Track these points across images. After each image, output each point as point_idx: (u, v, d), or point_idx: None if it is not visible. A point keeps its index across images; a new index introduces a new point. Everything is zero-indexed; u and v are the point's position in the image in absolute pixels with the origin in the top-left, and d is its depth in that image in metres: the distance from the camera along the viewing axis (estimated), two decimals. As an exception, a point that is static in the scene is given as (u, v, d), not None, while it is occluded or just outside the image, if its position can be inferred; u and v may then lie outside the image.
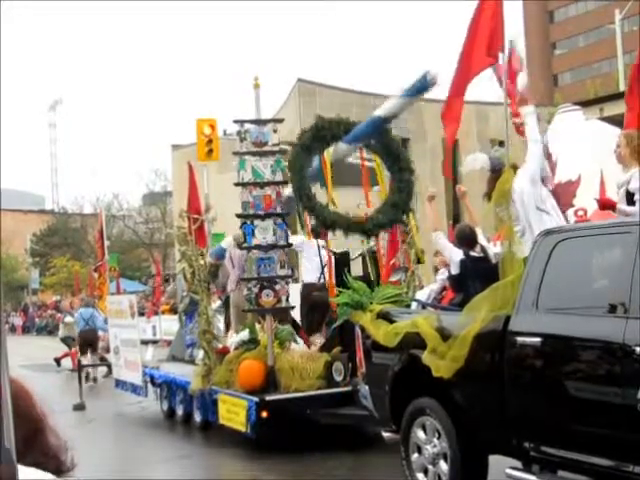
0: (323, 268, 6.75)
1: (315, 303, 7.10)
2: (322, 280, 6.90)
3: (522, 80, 5.89)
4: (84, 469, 1.09)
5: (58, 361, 13.73)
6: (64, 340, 13.22)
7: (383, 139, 6.87)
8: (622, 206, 5.34)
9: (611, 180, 5.68)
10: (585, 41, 53.52)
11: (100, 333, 11.37)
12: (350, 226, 6.47)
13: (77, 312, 12.23)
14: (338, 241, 6.96)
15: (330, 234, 6.64)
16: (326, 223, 6.30)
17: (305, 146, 6.48)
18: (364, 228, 6.55)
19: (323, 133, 6.49)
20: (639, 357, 3.61)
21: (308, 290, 7.22)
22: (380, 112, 6.70)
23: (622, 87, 12.90)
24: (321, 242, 6.76)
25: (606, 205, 5.42)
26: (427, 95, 6.77)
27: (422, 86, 6.40)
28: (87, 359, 10.77)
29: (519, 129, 5.63)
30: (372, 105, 11.19)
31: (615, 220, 4.94)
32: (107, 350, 10.14)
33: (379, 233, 6.83)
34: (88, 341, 11.25)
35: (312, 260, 7.05)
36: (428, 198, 6.66)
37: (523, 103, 5.54)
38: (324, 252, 6.78)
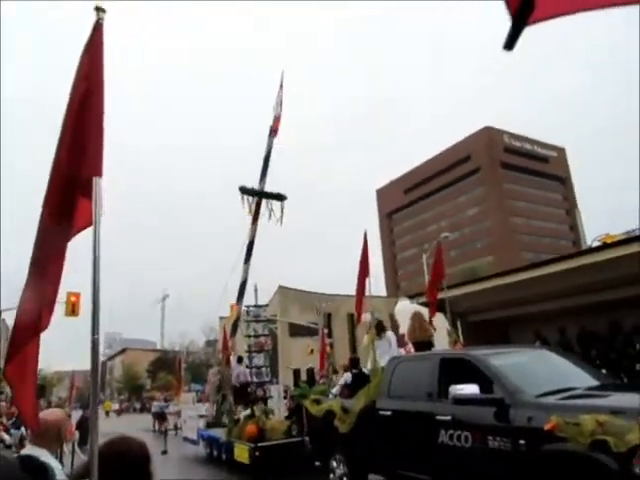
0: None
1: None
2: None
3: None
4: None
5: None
6: (153, 415, 22.46)
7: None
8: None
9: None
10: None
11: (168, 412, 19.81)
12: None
13: (158, 403, 21.40)
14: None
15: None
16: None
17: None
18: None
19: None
20: (437, 420, 5.23)
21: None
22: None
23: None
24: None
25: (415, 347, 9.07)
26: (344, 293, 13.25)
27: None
28: (164, 426, 17.96)
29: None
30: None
31: (423, 353, 7.44)
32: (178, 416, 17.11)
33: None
34: (161, 416, 20.02)
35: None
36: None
37: (381, 330, 8.90)
38: None
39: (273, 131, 12.09)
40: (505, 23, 1.13)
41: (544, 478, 4.13)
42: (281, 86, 12.80)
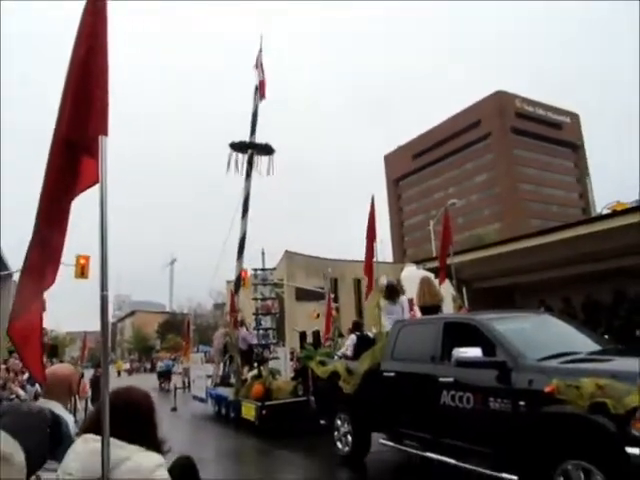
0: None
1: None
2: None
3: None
4: (173, 439, 1.78)
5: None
6: (158, 374, 23.63)
7: None
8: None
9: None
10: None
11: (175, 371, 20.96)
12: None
13: (163, 362, 22.94)
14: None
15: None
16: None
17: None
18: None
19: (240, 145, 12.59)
20: (440, 382, 5.36)
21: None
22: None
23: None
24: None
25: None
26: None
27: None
28: (166, 384, 19.98)
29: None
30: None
31: (428, 317, 7.32)
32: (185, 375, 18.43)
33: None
34: (166, 375, 21.30)
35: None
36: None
37: (395, 295, 8.59)
38: None
39: (261, 95, 12.91)
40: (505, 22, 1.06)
41: (543, 439, 4.23)
42: (260, 50, 13.34)
